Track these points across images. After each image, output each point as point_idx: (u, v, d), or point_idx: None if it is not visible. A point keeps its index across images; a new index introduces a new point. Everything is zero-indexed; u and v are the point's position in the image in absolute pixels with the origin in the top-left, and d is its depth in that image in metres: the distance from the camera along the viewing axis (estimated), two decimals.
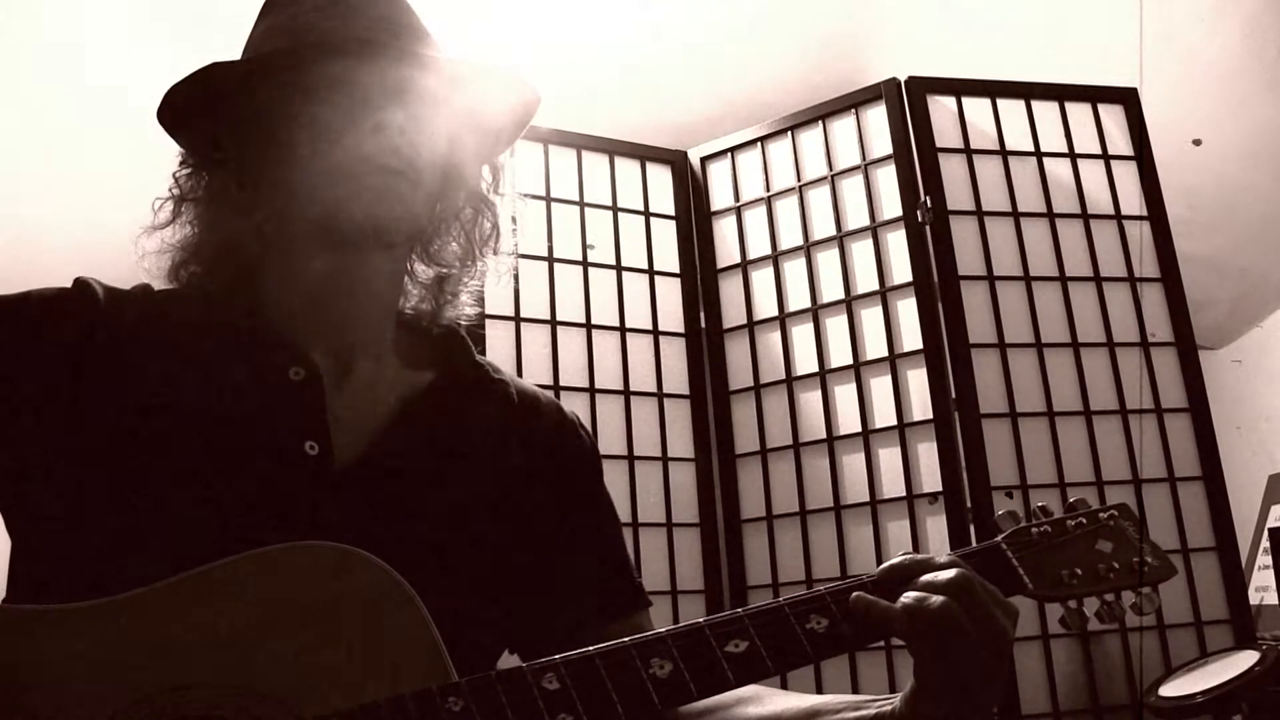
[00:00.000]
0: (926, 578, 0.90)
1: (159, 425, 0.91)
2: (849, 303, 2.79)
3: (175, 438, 0.91)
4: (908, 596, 0.88)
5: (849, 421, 2.74)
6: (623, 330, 2.88)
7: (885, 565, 0.94)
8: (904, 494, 2.61)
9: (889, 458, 2.66)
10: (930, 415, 2.60)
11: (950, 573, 0.89)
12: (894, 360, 2.69)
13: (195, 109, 0.99)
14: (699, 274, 3.01)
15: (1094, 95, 2.88)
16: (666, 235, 3.03)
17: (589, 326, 2.84)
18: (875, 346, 2.73)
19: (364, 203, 0.95)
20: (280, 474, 0.92)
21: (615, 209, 2.97)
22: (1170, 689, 2.24)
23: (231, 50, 1.04)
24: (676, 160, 3.09)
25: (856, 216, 2.82)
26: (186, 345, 0.96)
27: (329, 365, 1.00)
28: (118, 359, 0.93)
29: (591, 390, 2.79)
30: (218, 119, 1.00)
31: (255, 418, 0.94)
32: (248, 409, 0.94)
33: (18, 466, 0.92)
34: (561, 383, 2.75)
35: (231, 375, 0.95)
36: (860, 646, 0.93)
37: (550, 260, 2.82)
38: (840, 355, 2.78)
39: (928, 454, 2.60)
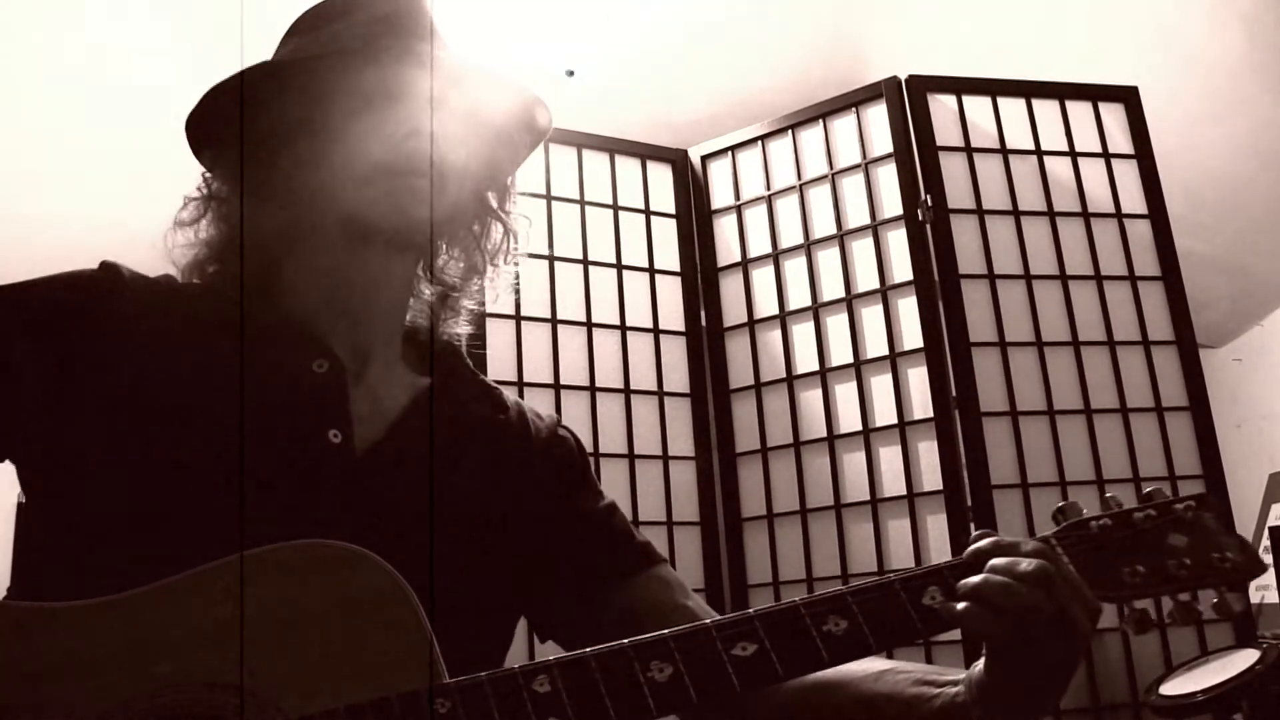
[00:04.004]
0: (1004, 562, 0.86)
1: (185, 412, 0.93)
2: (849, 301, 2.79)
3: (201, 424, 0.92)
4: (982, 583, 0.84)
5: (849, 420, 2.74)
6: (623, 329, 2.88)
7: (971, 549, 0.89)
8: (904, 492, 2.62)
9: (889, 456, 2.67)
10: (931, 414, 2.61)
11: (1031, 563, 0.85)
12: (894, 359, 2.69)
13: (227, 114, 1.01)
14: (699, 272, 3.01)
15: (1094, 94, 2.88)
16: (667, 234, 3.03)
17: (589, 325, 2.84)
18: (876, 345, 2.73)
19: (393, 203, 0.99)
20: (306, 461, 0.95)
21: (616, 207, 2.97)
22: (1170, 688, 2.24)
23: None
24: (677, 159, 3.09)
25: (857, 215, 2.82)
26: (211, 334, 0.98)
27: (347, 360, 1.03)
28: (143, 345, 0.95)
29: (592, 389, 2.79)
30: (248, 121, 1.02)
31: (280, 406, 0.96)
32: (272, 398, 0.96)
33: (45, 451, 0.93)
34: (562, 381, 2.75)
35: (255, 365, 0.97)
36: (881, 650, 0.88)
37: (551, 259, 2.82)
38: (841, 354, 2.78)
39: (928, 452, 2.60)
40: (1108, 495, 0.95)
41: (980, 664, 0.89)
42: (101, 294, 0.97)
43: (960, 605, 0.85)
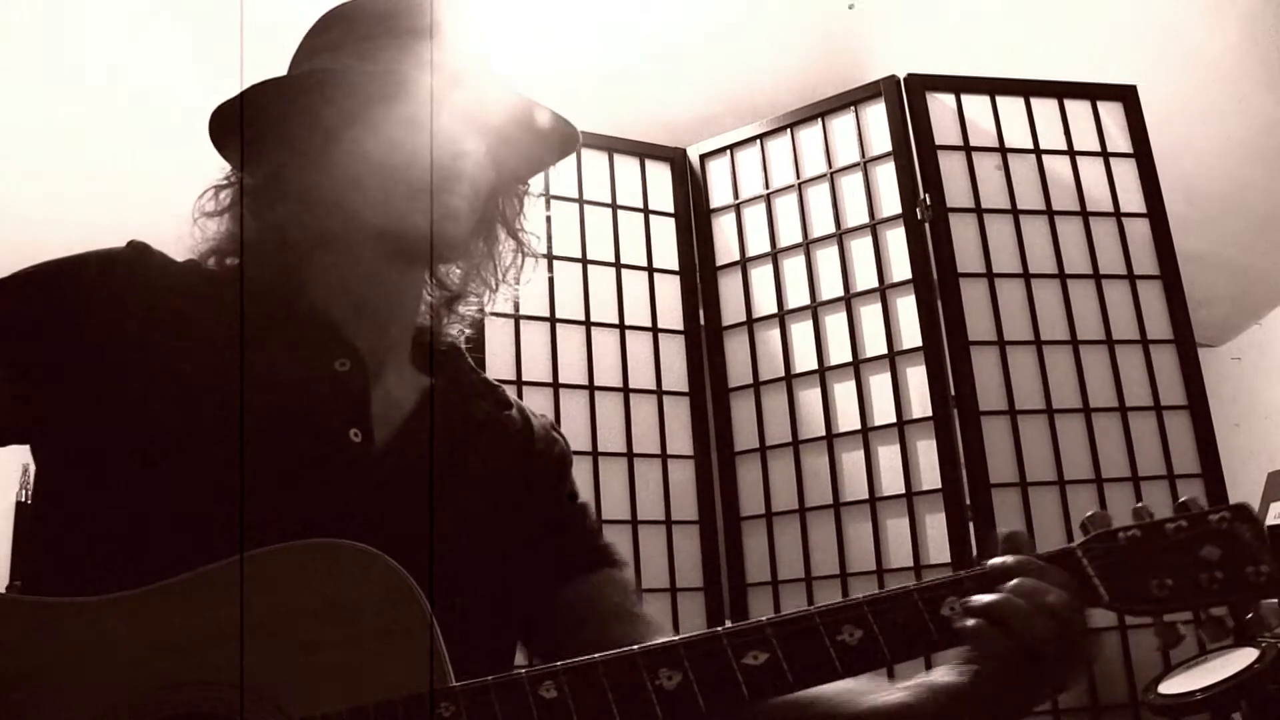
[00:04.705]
0: (1030, 586, 0.83)
1: (204, 403, 0.93)
2: (848, 300, 2.79)
3: (220, 417, 0.92)
4: (1002, 605, 0.82)
5: (848, 419, 2.74)
6: (622, 328, 2.88)
7: (994, 562, 0.87)
8: (903, 491, 2.61)
9: (888, 455, 2.67)
10: (929, 413, 2.60)
11: (1059, 596, 0.83)
12: (893, 358, 2.69)
13: (269, 114, 1.01)
14: (698, 271, 3.01)
15: (1093, 93, 2.88)
16: (666, 232, 3.02)
17: (588, 324, 2.84)
18: (874, 344, 2.73)
19: (430, 220, 1.00)
20: (327, 459, 0.96)
21: (614, 206, 2.97)
22: (1169, 687, 2.24)
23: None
24: (676, 157, 3.08)
25: (856, 214, 2.82)
26: (234, 325, 0.98)
27: (367, 361, 1.04)
28: (168, 329, 0.96)
29: (591, 388, 2.79)
30: (285, 122, 1.02)
31: (302, 403, 0.97)
32: (295, 394, 0.97)
33: (65, 433, 0.93)
34: (561, 380, 2.75)
35: (279, 360, 0.98)
36: (897, 662, 0.85)
37: (550, 258, 2.82)
38: (839, 353, 2.78)
39: (927, 451, 2.60)
40: (1138, 505, 0.92)
41: (943, 671, 0.88)
42: (131, 273, 0.97)
43: (971, 622, 0.83)
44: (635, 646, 0.83)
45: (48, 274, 0.96)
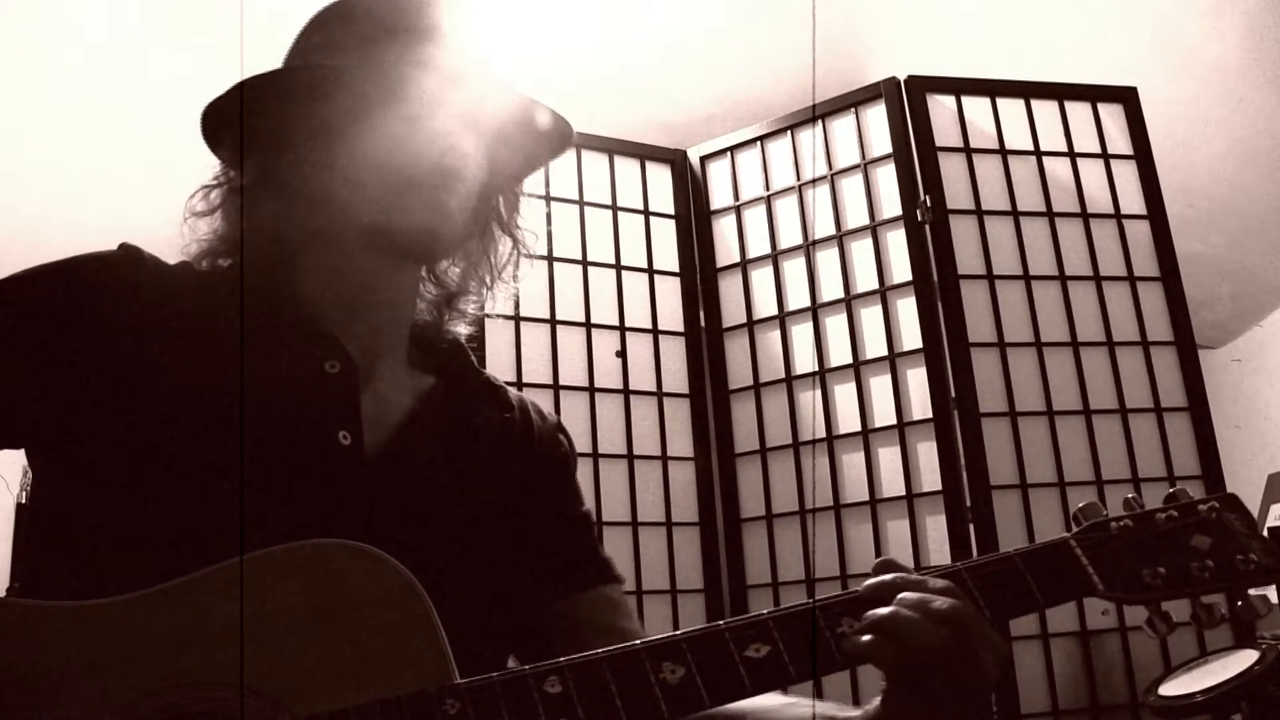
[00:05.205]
0: (916, 598, 0.83)
1: (198, 406, 0.92)
2: (848, 302, 2.79)
3: (214, 420, 0.92)
4: (891, 617, 0.82)
5: (849, 421, 2.74)
6: (622, 329, 2.88)
7: (870, 584, 0.86)
8: (904, 493, 2.61)
9: (888, 457, 2.67)
10: (930, 414, 2.60)
11: (945, 602, 0.82)
12: (893, 359, 2.69)
13: (258, 109, 1.01)
14: (698, 273, 3.01)
15: (1093, 94, 2.88)
16: (666, 234, 3.03)
17: (589, 326, 2.84)
18: (875, 346, 2.73)
19: (422, 216, 1.00)
20: (316, 461, 0.95)
21: (615, 208, 2.97)
22: (1170, 688, 2.24)
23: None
24: (676, 159, 3.09)
25: (856, 215, 2.82)
26: (227, 328, 0.97)
27: (358, 362, 1.03)
28: (160, 332, 0.95)
29: (591, 389, 2.79)
30: (278, 118, 1.02)
31: (291, 405, 0.97)
32: (285, 396, 0.97)
33: (59, 437, 0.93)
34: (561, 382, 2.75)
35: (269, 362, 0.97)
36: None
37: (550, 259, 2.82)
38: (840, 354, 2.78)
39: (927, 453, 2.60)
40: (1129, 496, 0.94)
41: (877, 700, 0.87)
42: (123, 276, 0.97)
43: (866, 638, 0.82)
44: (638, 641, 0.83)
45: (39, 278, 0.95)
